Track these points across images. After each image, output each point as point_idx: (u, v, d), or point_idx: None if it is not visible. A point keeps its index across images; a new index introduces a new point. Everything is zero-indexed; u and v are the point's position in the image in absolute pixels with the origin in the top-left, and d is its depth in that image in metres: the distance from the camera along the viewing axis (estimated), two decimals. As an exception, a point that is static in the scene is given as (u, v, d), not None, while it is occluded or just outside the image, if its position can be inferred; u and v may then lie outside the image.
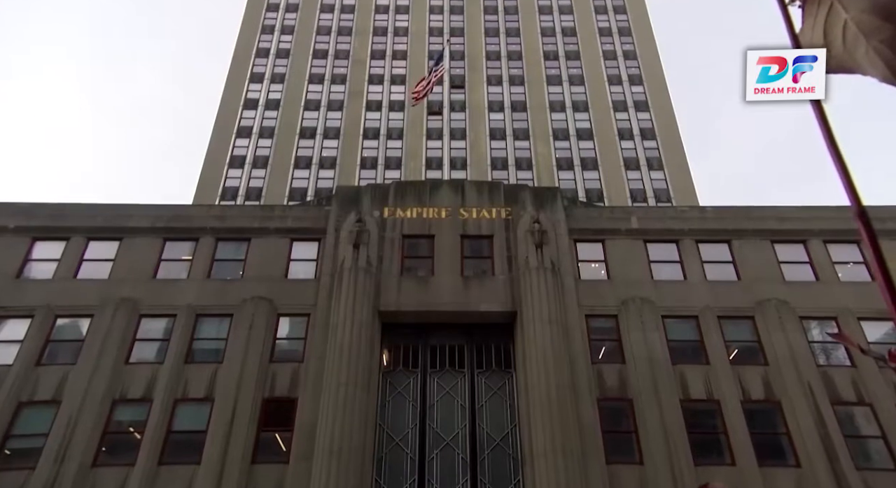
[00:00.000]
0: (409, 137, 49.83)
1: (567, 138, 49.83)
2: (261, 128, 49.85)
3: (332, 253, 24.13)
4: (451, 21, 58.69)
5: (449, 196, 25.90)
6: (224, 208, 32.83)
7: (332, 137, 49.69)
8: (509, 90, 53.29)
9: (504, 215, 25.20)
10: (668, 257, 24.71)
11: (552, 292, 22.77)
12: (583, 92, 52.73)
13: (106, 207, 25.85)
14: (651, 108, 51.30)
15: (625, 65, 54.59)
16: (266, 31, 56.82)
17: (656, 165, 47.75)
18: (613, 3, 59.45)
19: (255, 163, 47.73)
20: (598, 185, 46.75)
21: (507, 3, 60.22)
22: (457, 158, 48.81)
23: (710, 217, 26.14)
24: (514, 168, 48.23)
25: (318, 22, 57.90)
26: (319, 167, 47.80)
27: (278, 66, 54.24)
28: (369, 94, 52.75)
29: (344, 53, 55.62)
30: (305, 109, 51.40)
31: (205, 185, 45.65)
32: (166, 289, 23.48)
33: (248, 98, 51.76)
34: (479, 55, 55.75)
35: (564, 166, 48.01)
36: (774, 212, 25.88)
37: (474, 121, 51.03)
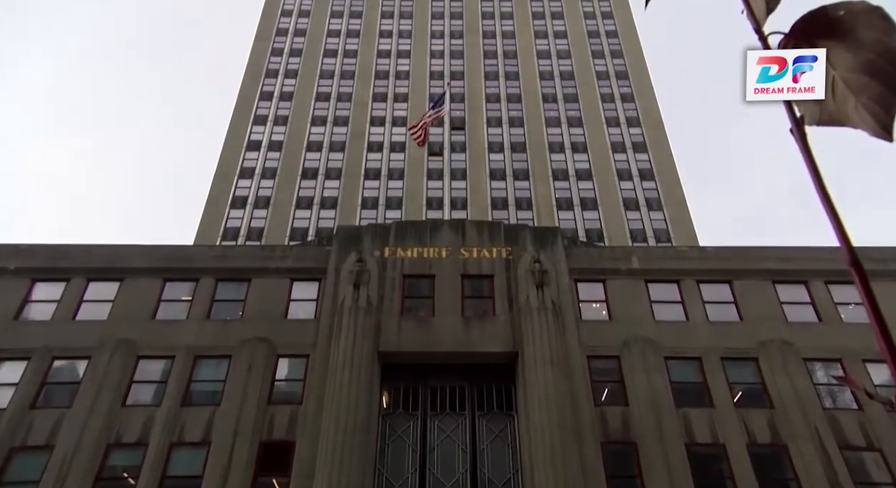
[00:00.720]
0: (410, 178, 50.30)
1: (567, 179, 50.28)
2: (263, 169, 50.39)
3: (332, 292, 24.07)
4: (451, 65, 59.96)
5: (449, 236, 25.98)
6: (225, 248, 32.91)
7: (334, 178, 50.17)
8: (509, 131, 54.05)
9: (504, 255, 25.22)
10: (669, 297, 24.62)
11: (553, 333, 22.61)
12: (581, 133, 53.47)
13: (106, 248, 25.91)
14: (649, 150, 51.91)
15: (622, 107, 55.50)
16: (270, 75, 58.02)
17: (655, 205, 48.03)
18: (611, 48, 60.82)
19: (257, 203, 48.07)
20: (597, 225, 46.94)
21: (507, 47, 61.62)
22: (457, 198, 49.16)
23: (710, 257, 26.16)
24: (514, 208, 48.52)
25: (321, 66, 59.17)
26: (321, 207, 48.11)
27: (281, 108, 55.19)
28: (371, 136, 53.49)
29: (346, 96, 56.64)
30: (308, 151, 52.06)
31: (206, 226, 45.86)
32: (165, 329, 23.34)
33: (251, 140, 52.49)
34: (479, 97, 56.75)
35: (564, 206, 48.30)
36: (775, 252, 25.90)
37: (475, 161, 51.59)
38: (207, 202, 47.81)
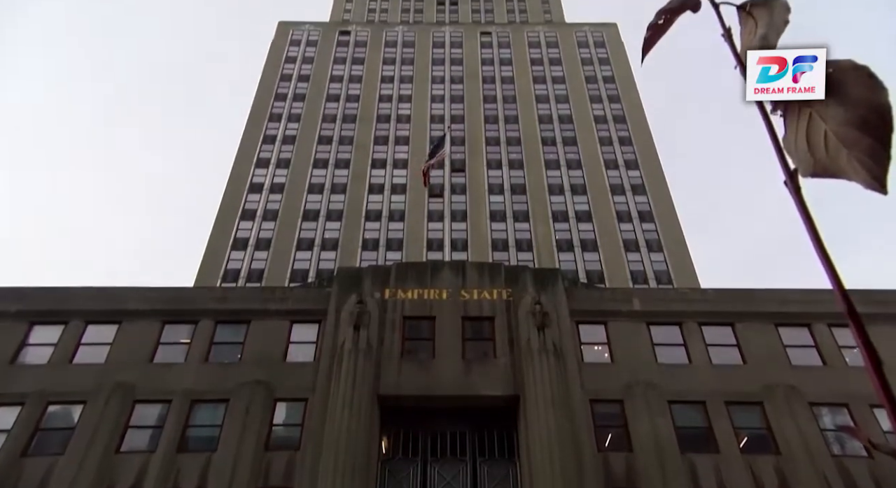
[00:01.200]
0: (411, 219, 50.58)
1: (566, 220, 50.55)
2: (265, 211, 50.74)
3: (332, 335, 23.90)
4: (451, 109, 61.04)
5: (450, 277, 25.95)
6: (225, 290, 32.86)
7: (335, 219, 50.46)
8: (509, 174, 54.62)
9: (505, 296, 25.15)
10: (671, 340, 24.42)
11: (555, 376, 22.35)
12: (580, 176, 54.04)
13: (106, 291, 25.86)
14: (648, 192, 52.36)
15: (620, 150, 56.25)
16: (273, 119, 59.04)
17: (656, 247, 48.14)
18: (608, 93, 62.02)
19: (258, 245, 48.21)
20: (598, 267, 46.95)
21: (506, 92, 62.84)
22: (458, 240, 49.32)
23: (711, 299, 26.06)
24: (514, 249, 48.62)
25: (323, 110, 60.26)
26: (321, 249, 48.23)
27: (284, 151, 55.95)
28: (372, 178, 54.05)
29: (348, 139, 57.50)
30: (309, 193, 52.52)
31: (207, 268, 45.89)
32: (163, 373, 23.08)
33: (253, 182, 53.04)
34: (479, 141, 57.57)
35: (564, 248, 48.41)
36: (776, 294, 25.79)
37: (475, 203, 51.97)
38: (208, 244, 47.96)
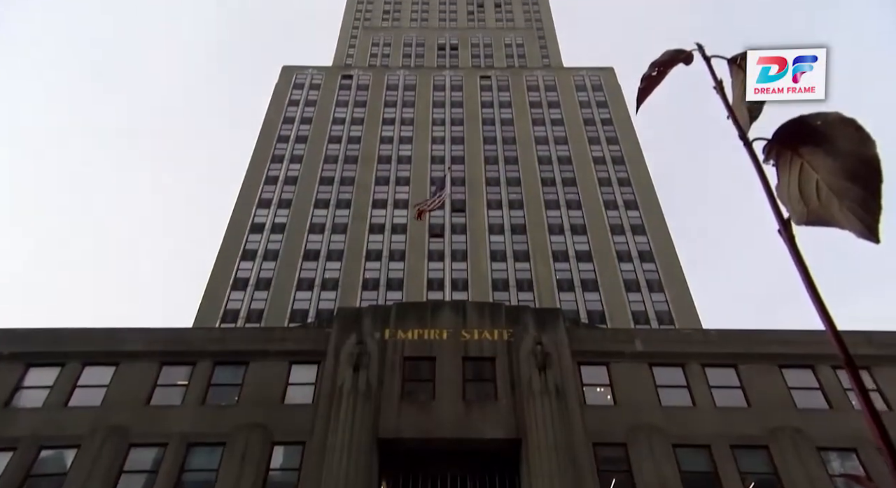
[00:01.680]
0: (411, 259, 50.64)
1: (567, 260, 50.59)
2: (265, 251, 50.85)
3: (331, 376, 23.63)
4: (452, 150, 61.83)
5: (450, 317, 25.82)
6: (224, 331, 32.67)
7: (335, 259, 50.52)
8: (509, 214, 54.95)
9: (506, 337, 24.97)
10: (674, 382, 24.12)
11: (557, 418, 22.01)
12: (580, 216, 54.34)
13: (104, 332, 25.68)
14: (648, 232, 52.56)
15: (619, 190, 56.73)
16: (276, 160, 59.76)
17: (656, 287, 48.04)
18: (606, 135, 62.93)
19: (258, 285, 48.14)
20: (599, 307, 46.75)
21: (506, 134, 63.76)
22: (458, 279, 49.26)
23: (714, 340, 25.86)
24: (515, 289, 48.51)
25: (325, 151, 61.05)
26: (321, 289, 48.14)
27: (286, 192, 56.44)
28: (373, 218, 54.36)
29: (349, 180, 58.06)
30: (310, 233, 52.75)
31: (206, 308, 45.71)
32: (159, 415, 22.73)
33: (254, 222, 53.33)
34: (480, 181, 58.10)
35: (565, 287, 48.31)
36: (779, 335, 25.58)
37: (475, 243, 52.12)
38: (208, 284, 47.90)
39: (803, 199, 2.20)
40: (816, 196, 2.14)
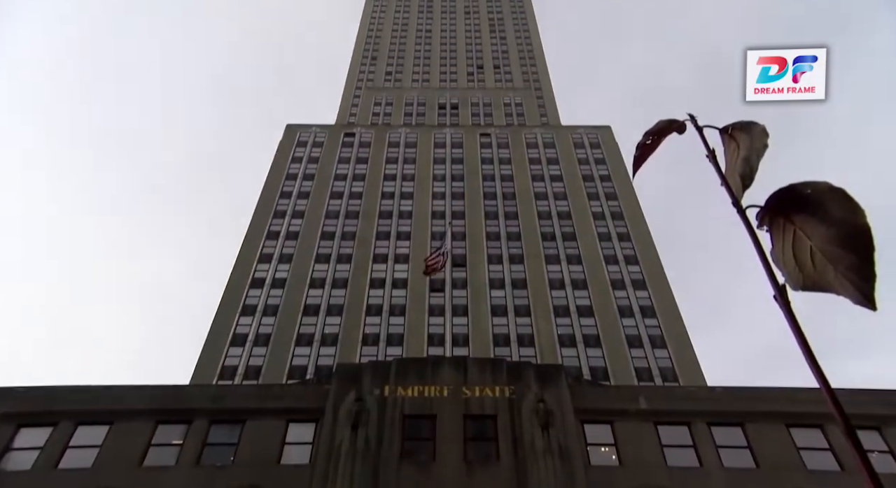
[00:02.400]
0: (412, 314, 50.36)
1: (568, 315, 50.28)
2: (265, 307, 50.63)
3: (329, 434, 23.10)
4: (452, 205, 62.46)
5: (451, 373, 25.47)
6: (221, 388, 32.18)
7: (335, 314, 50.24)
8: (510, 268, 54.99)
9: (508, 394, 24.56)
10: (680, 441, 23.54)
11: (561, 480, 21.38)
12: (581, 271, 54.35)
13: (99, 390, 25.26)
14: (649, 287, 52.45)
15: (619, 246, 56.96)
16: (277, 215, 60.33)
17: (659, 343, 47.56)
18: (605, 191, 63.70)
19: (257, 341, 47.71)
20: (602, 363, 46.15)
21: (506, 189, 64.57)
22: (459, 335, 48.84)
23: (720, 397, 25.39)
24: (516, 344, 48.03)
25: (327, 206, 61.69)
26: (321, 344, 47.67)
27: (287, 247, 56.70)
28: (373, 273, 54.37)
29: (350, 235, 58.42)
30: (310, 288, 52.67)
31: (204, 364, 45.15)
32: (152, 477, 22.08)
33: (255, 277, 53.32)
34: (480, 236, 58.43)
35: (567, 343, 47.82)
36: (787, 393, 25.08)
37: (476, 297, 51.94)
38: (207, 339, 47.46)
39: (798, 265, 2.24)
40: (811, 262, 2.19)
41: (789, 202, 2.24)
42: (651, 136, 2.81)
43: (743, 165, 2.45)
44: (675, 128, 2.75)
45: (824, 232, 2.13)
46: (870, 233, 2.05)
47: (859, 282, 2.02)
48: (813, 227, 2.17)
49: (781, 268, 2.27)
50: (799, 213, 2.21)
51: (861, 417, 22.94)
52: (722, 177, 2.50)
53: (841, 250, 2.07)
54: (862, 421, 23.07)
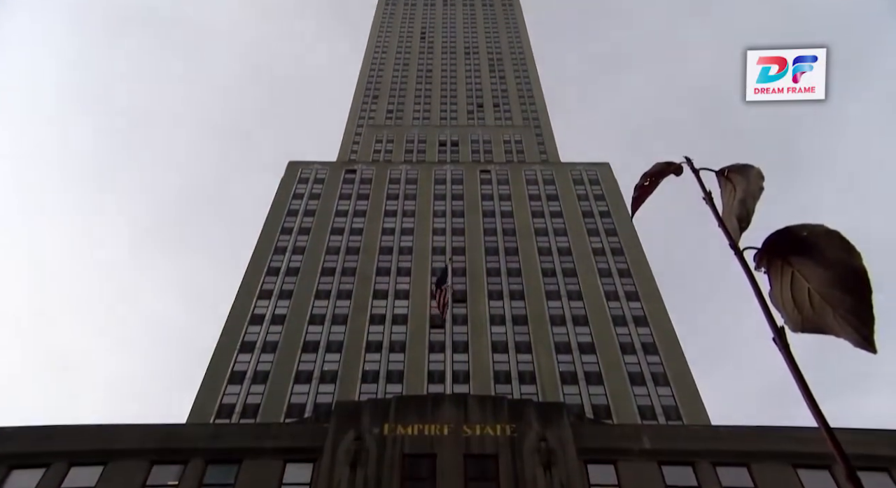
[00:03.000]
0: (412, 350, 49.97)
1: (570, 351, 49.87)
2: (264, 343, 50.27)
3: (327, 475, 22.68)
4: (453, 241, 62.60)
5: (451, 411, 25.17)
6: (218, 426, 31.72)
7: (335, 351, 49.85)
8: (510, 304, 54.78)
9: (509, 432, 24.21)
10: (685, 481, 23.08)
11: (564, 522, 20.88)
12: (582, 307, 54.13)
13: (93, 429, 24.85)
14: (650, 323, 52.16)
15: (620, 282, 56.85)
16: (278, 251, 60.42)
17: (662, 381, 47.03)
18: (605, 227, 63.92)
19: (255, 378, 47.20)
20: (604, 401, 45.56)
21: (506, 225, 64.81)
22: (459, 371, 48.37)
23: (724, 437, 24.99)
24: (517, 381, 47.52)
25: (327, 243, 61.82)
26: (320, 381, 47.15)
27: (287, 283, 56.61)
28: (373, 308, 54.16)
29: (350, 270, 58.39)
30: (310, 324, 52.38)
31: (202, 402, 44.56)
32: (145, 519, 21.58)
33: (254, 314, 53.08)
34: (480, 272, 58.39)
35: (569, 380, 47.31)
36: (793, 433, 24.63)
37: (476, 333, 51.61)
38: (205, 377, 46.97)
39: (797, 307, 2.25)
40: (810, 304, 2.19)
41: (786, 244, 2.26)
42: (649, 178, 2.86)
43: (739, 208, 2.48)
44: (672, 171, 2.80)
45: (822, 274, 2.14)
46: (866, 275, 2.07)
47: (858, 324, 2.03)
48: (810, 269, 2.19)
49: (780, 310, 2.28)
50: (796, 256, 2.23)
51: (868, 458, 22.53)
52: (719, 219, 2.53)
53: (839, 292, 2.08)
54: (869, 463, 22.62)
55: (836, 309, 2.08)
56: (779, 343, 2.22)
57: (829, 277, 2.11)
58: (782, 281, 2.27)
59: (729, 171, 2.59)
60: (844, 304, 2.06)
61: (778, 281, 2.28)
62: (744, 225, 2.43)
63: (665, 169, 2.79)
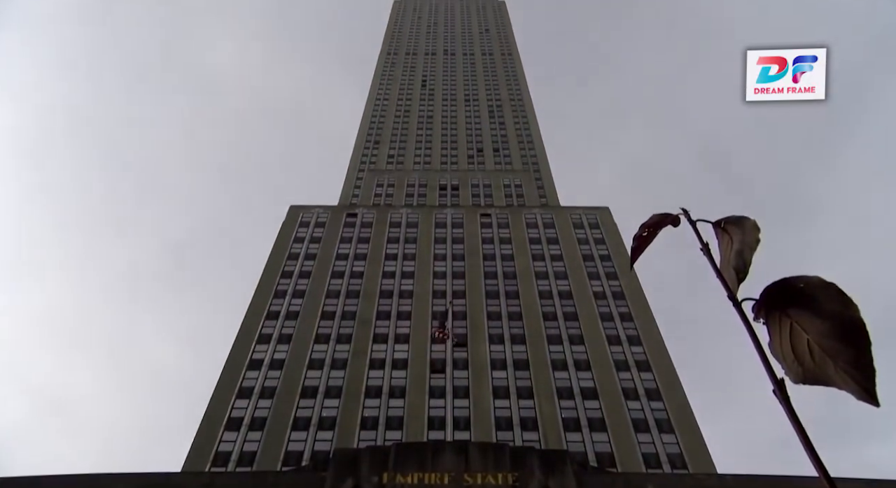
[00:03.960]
0: (412, 396, 49.28)
1: (572, 397, 49.15)
2: (262, 389, 49.59)
3: (324, 527, 22.05)
4: (453, 284, 62.48)
5: (452, 459, 24.67)
6: (213, 475, 31.01)
7: (334, 396, 49.15)
8: (511, 349, 54.30)
9: (511, 481, 23.71)
10: (693, 533, 22.43)
11: (569, 577, 20.19)
12: (583, 351, 53.63)
13: (85, 478, 24.28)
14: (653, 368, 51.55)
15: (622, 326, 56.45)
16: (278, 295, 60.24)
17: (667, 427, 46.17)
18: (606, 271, 63.88)
19: (252, 424, 46.37)
20: (608, 448, 44.62)
21: (506, 269, 64.81)
22: (460, 418, 47.58)
23: (730, 486, 24.42)
24: (519, 428, 46.69)
25: (328, 286, 61.69)
26: (318, 428, 46.30)
27: (286, 327, 56.24)
28: (373, 353, 53.66)
29: (350, 314, 58.09)
30: (309, 369, 51.80)
31: (197, 450, 43.65)
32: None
33: (253, 358, 52.54)
34: (481, 315, 58.07)
35: (571, 427, 46.46)
36: (801, 483, 24.05)
37: (477, 378, 50.98)
38: (202, 423, 46.15)
39: (797, 359, 2.25)
40: (810, 356, 2.19)
41: (784, 295, 2.27)
42: (647, 229, 2.89)
43: (737, 259, 2.50)
44: (669, 221, 2.84)
45: (820, 325, 2.15)
46: (864, 327, 2.07)
47: (860, 377, 2.02)
48: (809, 321, 2.19)
49: (781, 361, 2.27)
50: (794, 307, 2.24)
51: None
52: (716, 270, 2.55)
53: (838, 344, 2.09)
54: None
55: (836, 361, 2.07)
56: (779, 395, 2.20)
57: (827, 329, 2.11)
58: (781, 332, 2.27)
59: (725, 223, 2.63)
60: (844, 356, 2.06)
61: (777, 332, 2.28)
62: (741, 276, 2.45)
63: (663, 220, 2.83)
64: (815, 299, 2.18)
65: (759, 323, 2.38)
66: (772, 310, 2.31)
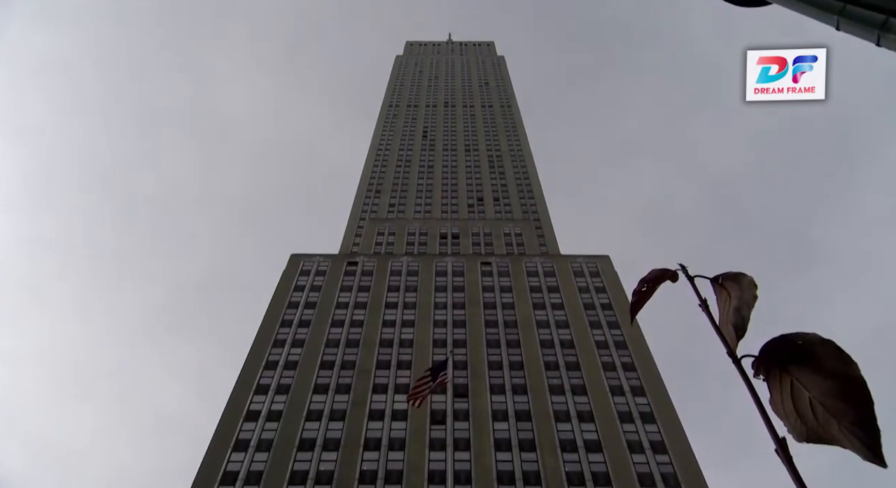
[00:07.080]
0: (412, 448, 48.14)
1: (576, 450, 48.00)
2: (259, 441, 48.48)
3: None
4: (454, 333, 61.92)
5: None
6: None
7: (332, 449, 48.01)
8: (513, 399, 53.36)
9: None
10: None
11: None
12: (586, 402, 52.69)
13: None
14: (658, 420, 50.53)
15: (625, 376, 55.64)
16: (277, 345, 59.61)
17: (672, 482, 44.87)
18: (607, 319, 63.40)
19: (248, 479, 45.11)
20: (613, 503, 43.32)
21: (507, 317, 64.35)
22: (461, 471, 46.33)
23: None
24: (521, 482, 45.44)
25: (327, 335, 61.12)
26: (315, 483, 45.05)
27: (285, 377, 55.43)
28: (372, 403, 52.72)
29: (350, 364, 57.34)
30: (307, 420, 50.78)
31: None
32: None
33: (250, 410, 51.58)
34: (482, 365, 57.31)
35: (575, 481, 45.19)
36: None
37: (478, 430, 49.91)
38: (197, 477, 44.88)
39: (800, 416, 2.23)
40: (813, 414, 2.17)
41: (783, 352, 2.28)
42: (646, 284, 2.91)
43: (735, 316, 2.51)
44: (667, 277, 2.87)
45: (821, 383, 2.14)
46: (865, 385, 2.07)
47: (865, 438, 2.00)
48: (809, 378, 2.19)
49: (783, 419, 2.25)
50: (794, 364, 2.24)
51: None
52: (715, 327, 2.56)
53: (842, 404, 2.08)
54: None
55: (840, 421, 2.06)
56: (781, 454, 2.18)
57: (829, 388, 2.11)
58: (782, 389, 2.26)
59: (723, 279, 2.65)
60: (849, 416, 2.05)
61: (777, 389, 2.28)
62: (740, 333, 2.45)
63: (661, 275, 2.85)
64: (814, 356, 2.19)
65: (759, 379, 2.37)
66: (771, 367, 2.31)
